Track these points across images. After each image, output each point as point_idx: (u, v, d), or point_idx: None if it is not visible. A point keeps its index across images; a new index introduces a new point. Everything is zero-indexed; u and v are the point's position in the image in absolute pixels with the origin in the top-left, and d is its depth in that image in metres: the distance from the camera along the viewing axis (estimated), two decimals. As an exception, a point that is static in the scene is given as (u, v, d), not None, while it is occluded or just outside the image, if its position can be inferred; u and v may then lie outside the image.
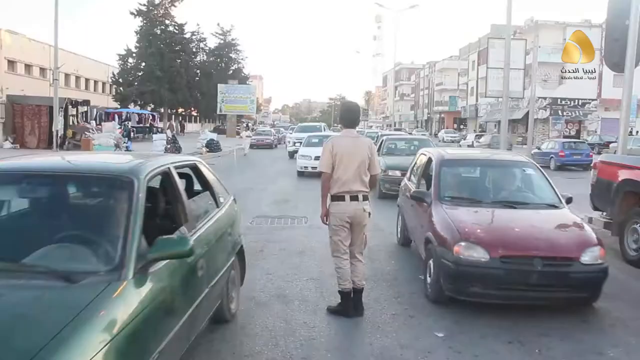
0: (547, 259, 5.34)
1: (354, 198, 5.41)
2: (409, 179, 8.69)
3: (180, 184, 4.39)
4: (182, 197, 4.21)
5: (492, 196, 6.83)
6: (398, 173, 12.68)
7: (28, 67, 39.84)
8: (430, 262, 5.97)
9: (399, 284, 6.64)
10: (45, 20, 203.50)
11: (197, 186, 5.42)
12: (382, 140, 17.32)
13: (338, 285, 5.55)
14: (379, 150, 14.03)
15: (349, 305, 5.47)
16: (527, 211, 6.43)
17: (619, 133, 11.25)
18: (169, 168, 4.21)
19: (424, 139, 21.55)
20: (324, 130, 32.26)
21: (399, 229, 8.75)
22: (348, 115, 5.70)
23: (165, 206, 4.44)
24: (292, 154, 27.40)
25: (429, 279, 6.01)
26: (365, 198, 5.49)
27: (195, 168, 5.15)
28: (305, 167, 19.25)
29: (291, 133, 37.14)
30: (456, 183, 7.25)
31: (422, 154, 8.53)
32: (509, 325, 5.29)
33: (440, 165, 7.08)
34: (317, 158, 15.29)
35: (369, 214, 5.58)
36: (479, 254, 5.38)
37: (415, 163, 8.65)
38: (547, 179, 6.98)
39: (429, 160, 7.62)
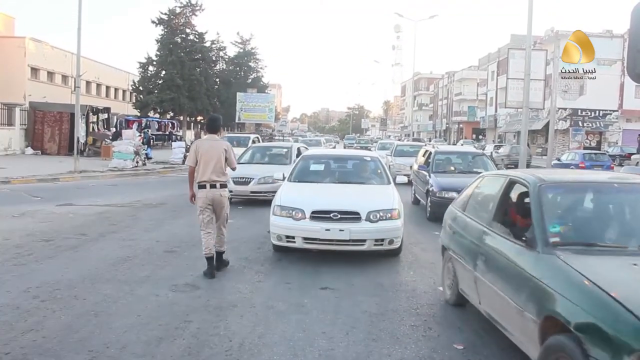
0: None
1: (213, 186, 7.11)
2: None
3: None
4: None
5: None
6: None
7: (50, 74, 40.36)
8: None
9: (418, 296, 6.61)
10: (69, 29, 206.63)
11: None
12: (535, 188, 4.64)
13: (203, 252, 7.15)
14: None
15: (212, 267, 7.13)
16: None
17: (641, 145, 11.12)
18: None
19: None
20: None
21: None
22: (211, 124, 7.68)
23: None
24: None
25: None
26: (222, 186, 7.21)
27: None
28: (289, 238, 8.07)
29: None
30: None
31: None
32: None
33: None
34: (318, 215, 7.92)
35: (227, 198, 7.37)
36: None
37: None
38: None
39: None
